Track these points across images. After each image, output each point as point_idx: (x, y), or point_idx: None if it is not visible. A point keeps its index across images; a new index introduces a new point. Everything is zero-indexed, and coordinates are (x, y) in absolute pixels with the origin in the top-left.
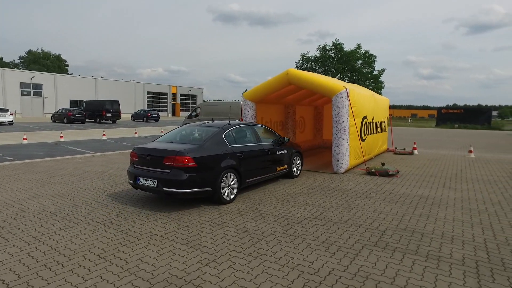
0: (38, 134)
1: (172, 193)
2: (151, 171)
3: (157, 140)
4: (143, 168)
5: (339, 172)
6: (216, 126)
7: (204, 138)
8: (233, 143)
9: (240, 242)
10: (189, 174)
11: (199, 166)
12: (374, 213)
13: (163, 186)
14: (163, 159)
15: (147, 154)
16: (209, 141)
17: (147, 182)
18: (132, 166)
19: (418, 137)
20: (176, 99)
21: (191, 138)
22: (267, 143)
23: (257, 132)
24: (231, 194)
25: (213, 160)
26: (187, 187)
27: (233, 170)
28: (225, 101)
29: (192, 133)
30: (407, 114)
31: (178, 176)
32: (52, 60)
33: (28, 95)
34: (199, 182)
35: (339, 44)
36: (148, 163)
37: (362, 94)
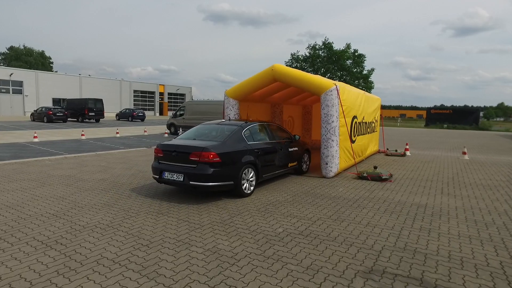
0: (11, 134)
1: (197, 187)
2: (177, 166)
3: (179, 137)
4: (168, 163)
5: (328, 177)
6: (235, 124)
7: (225, 135)
8: (251, 140)
9: (206, 268)
10: (214, 169)
11: (223, 161)
12: (368, 227)
13: (189, 180)
14: (189, 155)
15: (173, 150)
16: (230, 138)
17: (173, 176)
18: (156, 161)
19: (408, 137)
20: (164, 98)
21: (212, 135)
22: (280, 140)
23: (271, 130)
24: (250, 188)
25: (235, 155)
26: (212, 180)
27: (252, 165)
28: (211, 100)
29: (212, 130)
30: (396, 114)
31: (204, 170)
32: (36, 57)
33: (6, 92)
34: (222, 176)
35: (328, 43)
36: (174, 159)
37: (353, 92)
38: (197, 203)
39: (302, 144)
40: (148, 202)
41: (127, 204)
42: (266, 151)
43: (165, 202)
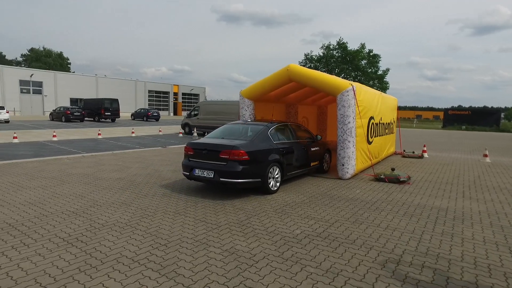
0: (31, 133)
1: (227, 183)
2: (207, 164)
3: (207, 136)
4: (199, 161)
5: (345, 178)
6: (261, 124)
7: (253, 135)
8: (276, 140)
9: (224, 269)
10: (243, 166)
11: (251, 159)
12: (387, 230)
13: (219, 176)
14: (219, 153)
15: (203, 148)
16: (257, 137)
17: (203, 173)
18: (187, 159)
19: (425, 139)
20: (178, 98)
21: (239, 135)
22: (303, 140)
23: (294, 130)
24: (275, 185)
25: (262, 154)
26: (241, 177)
27: (277, 163)
28: (225, 101)
29: (238, 130)
30: (412, 115)
31: (233, 167)
32: (54, 58)
33: (27, 93)
34: (251, 173)
35: (343, 43)
36: (205, 157)
37: (370, 93)
38: (213, 203)
39: (324, 144)
40: (164, 202)
41: (144, 203)
42: (290, 150)
43: (182, 202)
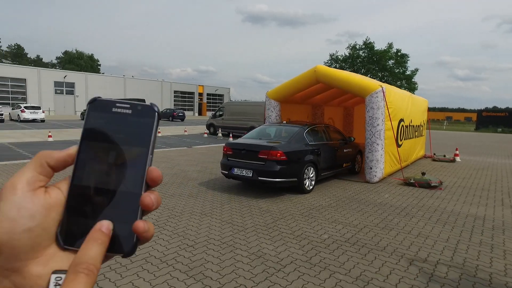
0: (65, 132)
1: (265, 182)
2: (246, 163)
3: (244, 137)
4: (238, 160)
5: (372, 182)
6: (297, 126)
7: (290, 136)
8: (311, 141)
9: (251, 272)
10: (280, 166)
11: (289, 160)
12: (419, 238)
13: (258, 175)
14: (258, 153)
15: (242, 148)
16: (294, 138)
17: (242, 172)
18: (225, 158)
19: (457, 141)
20: (203, 98)
21: (275, 136)
22: (336, 141)
23: (328, 132)
24: (311, 185)
25: (299, 154)
26: (278, 177)
27: (312, 164)
28: (250, 101)
29: (275, 131)
30: (442, 116)
31: (272, 167)
32: (86, 60)
33: (61, 93)
34: (288, 173)
35: (370, 43)
36: (243, 156)
37: (399, 94)
38: (239, 204)
39: (355, 145)
40: (191, 202)
41: (171, 203)
42: (324, 151)
43: (208, 203)
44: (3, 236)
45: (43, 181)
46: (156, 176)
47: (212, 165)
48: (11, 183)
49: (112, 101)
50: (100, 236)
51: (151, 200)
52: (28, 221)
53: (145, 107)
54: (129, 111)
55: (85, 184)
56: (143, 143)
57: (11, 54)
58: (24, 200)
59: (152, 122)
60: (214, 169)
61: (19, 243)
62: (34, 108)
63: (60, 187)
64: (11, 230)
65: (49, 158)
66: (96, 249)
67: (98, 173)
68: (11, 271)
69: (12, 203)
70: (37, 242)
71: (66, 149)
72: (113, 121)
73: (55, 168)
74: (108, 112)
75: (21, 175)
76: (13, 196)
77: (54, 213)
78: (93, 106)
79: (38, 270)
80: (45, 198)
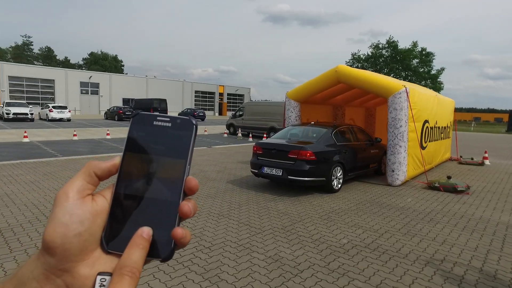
0: (89, 131)
1: (295, 181)
2: (276, 162)
3: (273, 137)
4: (268, 159)
5: (394, 185)
6: (325, 127)
7: (318, 136)
8: (339, 141)
9: (268, 276)
10: (310, 166)
11: (318, 159)
12: (444, 246)
13: (288, 174)
14: (288, 153)
15: (272, 148)
16: (323, 139)
17: (272, 171)
18: (255, 158)
19: (486, 144)
20: (223, 98)
21: (304, 136)
22: (363, 142)
23: (355, 133)
24: (339, 184)
25: (327, 155)
26: (308, 176)
27: (340, 164)
28: (270, 101)
29: (303, 132)
30: (469, 117)
31: (301, 166)
32: (110, 61)
33: (86, 93)
34: (317, 173)
35: (393, 42)
36: (273, 156)
37: (424, 94)
38: (257, 206)
39: (382, 146)
40: (209, 203)
41: None
42: (351, 151)
43: (226, 204)
44: (57, 240)
45: (91, 189)
46: (194, 185)
47: (231, 166)
48: (64, 191)
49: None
50: (142, 241)
51: (189, 208)
52: (78, 226)
53: (184, 120)
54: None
55: (127, 193)
56: (181, 155)
57: (42, 56)
58: (75, 207)
59: (190, 135)
60: (233, 170)
61: (71, 246)
62: (61, 107)
63: (105, 195)
64: (64, 234)
65: (96, 168)
66: (138, 253)
67: (139, 182)
68: (63, 271)
69: (65, 210)
70: (85, 246)
71: (110, 159)
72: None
73: (101, 177)
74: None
75: (72, 183)
76: (66, 203)
77: (99, 219)
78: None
79: (86, 271)
80: (92, 205)
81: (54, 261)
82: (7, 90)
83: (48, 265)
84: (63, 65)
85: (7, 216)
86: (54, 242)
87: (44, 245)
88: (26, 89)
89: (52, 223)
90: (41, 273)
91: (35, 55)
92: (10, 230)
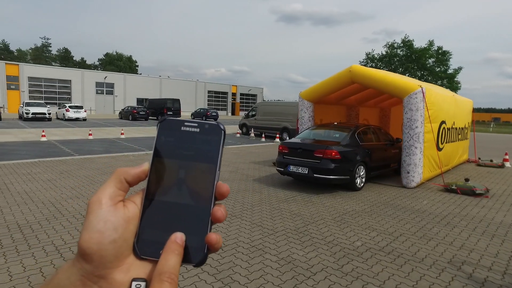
0: (103, 130)
1: (320, 179)
2: (302, 161)
3: (297, 136)
4: (294, 158)
5: (409, 187)
6: (348, 127)
7: (343, 136)
8: (362, 141)
9: (280, 278)
10: (335, 164)
11: (342, 159)
12: (462, 250)
13: (313, 173)
14: (313, 152)
15: (298, 147)
16: (347, 139)
17: (298, 169)
18: (281, 156)
19: (506, 145)
20: (236, 98)
21: (327, 136)
22: (385, 142)
23: (377, 133)
24: (362, 183)
25: (351, 154)
26: (333, 174)
27: (363, 163)
28: (283, 101)
29: (327, 132)
30: (488, 117)
31: (326, 165)
32: (124, 62)
33: (101, 93)
34: (341, 171)
35: (408, 41)
36: (299, 155)
37: (441, 95)
38: (270, 207)
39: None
40: (222, 203)
41: None
42: (374, 151)
43: (239, 204)
44: (93, 246)
45: (122, 196)
46: (225, 190)
47: (244, 166)
48: (97, 198)
49: (180, 120)
50: (176, 247)
51: (222, 213)
52: (113, 233)
53: (211, 125)
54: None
55: (157, 198)
56: (211, 160)
57: (60, 57)
58: (108, 213)
59: (219, 140)
60: (245, 170)
61: (106, 253)
62: (77, 107)
63: (135, 201)
64: (100, 241)
65: (126, 174)
66: (174, 259)
67: (169, 187)
68: (99, 278)
69: (99, 217)
70: (120, 252)
71: (140, 165)
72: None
73: (131, 183)
74: (177, 130)
75: (104, 190)
76: (99, 210)
77: (132, 225)
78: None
79: (121, 277)
80: (124, 211)
81: (91, 268)
82: (27, 91)
83: (84, 271)
84: (79, 66)
85: (26, 213)
86: (90, 248)
87: (81, 251)
88: (44, 89)
89: (87, 230)
90: (78, 279)
91: (53, 56)
92: (29, 227)
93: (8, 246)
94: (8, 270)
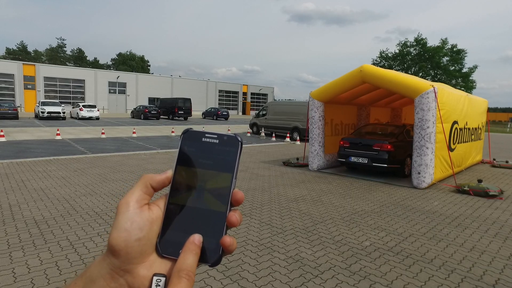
0: (116, 129)
1: (377, 167)
2: (362, 153)
3: (354, 133)
4: (354, 151)
5: (420, 187)
6: (397, 126)
7: (394, 133)
8: (408, 137)
9: (288, 277)
10: (389, 156)
11: (395, 151)
12: (473, 252)
13: (372, 162)
14: (372, 145)
15: (358, 142)
16: (398, 135)
17: (358, 160)
18: (343, 149)
19: None
20: (247, 97)
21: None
22: None
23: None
24: (408, 171)
25: (401, 147)
26: (388, 163)
27: (409, 155)
28: (294, 101)
29: (379, 129)
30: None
31: (383, 156)
32: (137, 61)
33: (114, 93)
34: (394, 161)
35: (421, 39)
36: (360, 148)
37: (454, 95)
38: (279, 206)
39: None
40: None
41: None
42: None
43: (248, 203)
44: (121, 243)
45: (147, 200)
46: (240, 197)
47: (254, 165)
48: (125, 201)
49: (202, 132)
50: (194, 247)
51: (237, 219)
52: (138, 232)
53: (230, 137)
54: (217, 141)
55: (179, 203)
56: (229, 169)
57: (74, 57)
58: (135, 215)
59: (236, 151)
60: (255, 169)
61: (132, 250)
62: (91, 106)
63: (159, 204)
64: (127, 239)
65: (151, 180)
66: (192, 258)
67: (190, 193)
68: (125, 272)
69: (127, 217)
70: (144, 250)
71: (164, 172)
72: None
73: (156, 189)
74: (198, 141)
75: (131, 194)
76: (127, 211)
77: (155, 226)
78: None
79: (144, 272)
80: (149, 213)
81: (118, 263)
82: (42, 90)
83: (113, 265)
84: (92, 66)
85: (42, 210)
86: (118, 245)
87: (110, 248)
88: (59, 89)
89: (116, 229)
90: (107, 272)
91: (68, 57)
92: (45, 223)
93: (26, 240)
94: (26, 263)
